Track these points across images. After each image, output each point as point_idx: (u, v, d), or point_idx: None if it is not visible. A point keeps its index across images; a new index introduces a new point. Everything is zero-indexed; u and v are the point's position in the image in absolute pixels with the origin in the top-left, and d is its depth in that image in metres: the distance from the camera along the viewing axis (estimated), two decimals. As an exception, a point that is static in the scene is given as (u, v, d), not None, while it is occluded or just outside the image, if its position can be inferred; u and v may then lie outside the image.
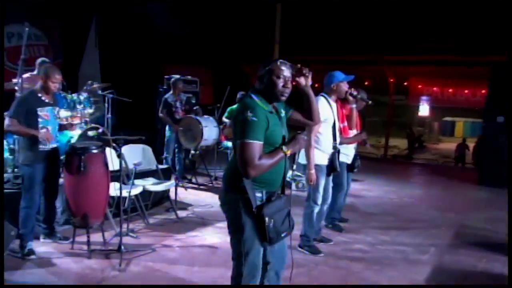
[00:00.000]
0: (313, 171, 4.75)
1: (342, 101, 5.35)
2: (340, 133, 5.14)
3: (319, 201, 5.01)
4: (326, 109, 4.82)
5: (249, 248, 2.87)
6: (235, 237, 2.95)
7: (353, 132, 5.68)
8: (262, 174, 2.78)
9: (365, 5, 11.73)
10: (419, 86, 16.12)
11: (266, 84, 2.86)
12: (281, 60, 2.91)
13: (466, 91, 15.21)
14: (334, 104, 5.00)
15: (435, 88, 15.82)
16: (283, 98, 2.90)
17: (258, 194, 2.85)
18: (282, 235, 2.92)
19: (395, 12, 11.67)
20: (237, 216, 2.86)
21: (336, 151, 4.97)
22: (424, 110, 18.11)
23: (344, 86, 5.03)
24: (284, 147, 2.84)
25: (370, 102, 5.70)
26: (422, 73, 15.50)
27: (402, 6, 11.35)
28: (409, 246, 5.53)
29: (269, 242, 2.85)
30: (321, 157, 4.87)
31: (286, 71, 2.87)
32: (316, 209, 5.03)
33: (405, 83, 16.16)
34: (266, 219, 2.79)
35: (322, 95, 4.94)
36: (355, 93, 5.21)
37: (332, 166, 4.98)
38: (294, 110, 3.10)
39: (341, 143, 5.19)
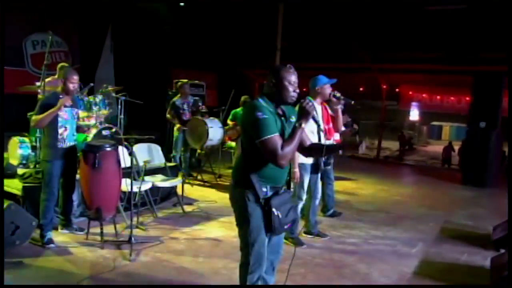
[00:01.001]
0: (297, 169, 4.77)
1: (327, 103, 5.37)
2: (325, 134, 5.14)
3: (303, 197, 5.04)
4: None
5: (255, 238, 2.88)
6: (242, 228, 2.96)
7: (337, 135, 5.76)
8: (266, 169, 2.84)
9: (362, 17, 11.76)
10: (410, 93, 16.11)
11: (279, 88, 2.88)
12: (289, 66, 2.93)
13: (452, 98, 15.21)
14: (319, 107, 5.02)
15: (424, 95, 15.81)
16: (292, 101, 2.93)
17: (264, 189, 2.86)
18: (285, 227, 2.94)
19: (388, 24, 11.70)
20: (244, 209, 2.88)
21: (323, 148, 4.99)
22: (414, 115, 18.10)
23: (328, 89, 5.08)
24: (297, 123, 2.85)
25: (352, 102, 5.68)
26: (412, 81, 15.50)
27: (395, 19, 11.40)
28: (399, 241, 5.54)
29: (274, 232, 2.88)
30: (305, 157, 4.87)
31: (294, 76, 2.90)
32: (300, 204, 5.06)
33: (397, 90, 16.13)
34: (274, 210, 2.82)
35: (307, 99, 4.95)
36: (338, 94, 5.20)
37: (317, 164, 5.00)
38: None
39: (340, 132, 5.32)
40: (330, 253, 4.97)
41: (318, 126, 3.14)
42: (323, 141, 4.98)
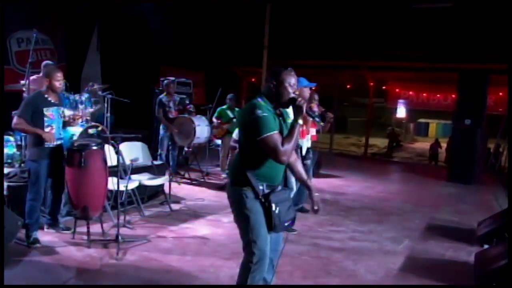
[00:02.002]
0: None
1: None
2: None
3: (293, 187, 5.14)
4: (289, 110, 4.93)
5: (257, 235, 2.89)
6: (242, 227, 2.97)
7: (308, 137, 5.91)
8: (263, 168, 2.89)
9: (349, 15, 11.83)
10: (397, 90, 16.23)
11: (279, 90, 2.93)
12: (290, 68, 2.99)
13: (438, 95, 15.35)
14: None
15: (411, 92, 15.93)
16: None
17: (260, 187, 2.89)
18: (286, 224, 2.96)
19: (375, 22, 11.78)
20: (243, 206, 2.90)
21: (298, 148, 5.13)
22: (401, 112, 18.21)
23: (306, 91, 5.21)
24: (294, 120, 2.91)
25: (321, 124, 5.76)
26: (400, 78, 15.63)
27: (382, 17, 11.48)
28: (386, 237, 5.59)
29: (274, 229, 2.89)
30: None
31: (295, 79, 2.97)
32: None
33: (384, 87, 16.25)
34: (273, 205, 2.85)
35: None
36: (312, 113, 5.30)
37: None
38: None
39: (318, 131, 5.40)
40: (317, 250, 5.01)
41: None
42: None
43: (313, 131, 5.98)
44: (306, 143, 5.91)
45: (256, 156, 2.89)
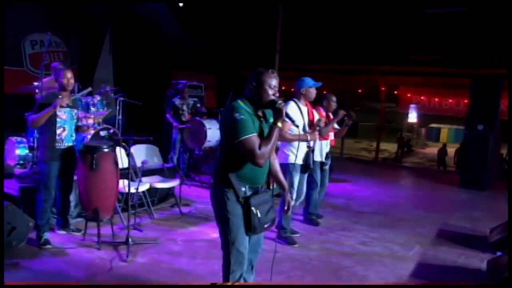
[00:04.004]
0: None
1: (314, 104, 5.42)
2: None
3: (294, 196, 5.04)
4: (296, 112, 4.90)
5: (235, 237, 2.92)
6: (222, 227, 3.00)
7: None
8: (245, 169, 2.88)
9: (361, 20, 11.80)
10: (408, 95, 16.13)
11: (259, 92, 2.91)
12: (271, 70, 2.97)
13: (450, 101, 15.23)
14: (304, 108, 5.11)
15: (422, 97, 15.83)
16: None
17: (242, 189, 2.90)
18: (265, 226, 2.97)
19: (388, 27, 11.73)
20: (223, 208, 2.92)
21: (310, 150, 5.02)
22: (412, 117, 18.15)
23: (313, 91, 5.16)
24: (273, 123, 2.90)
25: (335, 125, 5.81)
26: (411, 83, 15.54)
27: (395, 22, 11.43)
28: (397, 243, 5.53)
29: (253, 231, 2.90)
30: (295, 157, 4.89)
31: (275, 81, 2.94)
32: (297, 203, 5.14)
33: (396, 92, 16.18)
34: (253, 209, 2.85)
35: (293, 100, 5.08)
36: (320, 125, 5.32)
37: (306, 165, 5.04)
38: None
39: (320, 133, 5.23)
40: (327, 255, 4.96)
41: (293, 122, 3.22)
42: (311, 142, 5.07)
43: (331, 135, 5.95)
44: (325, 148, 5.87)
45: (237, 157, 2.88)
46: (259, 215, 2.88)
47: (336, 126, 6.09)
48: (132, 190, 5.08)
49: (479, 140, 9.76)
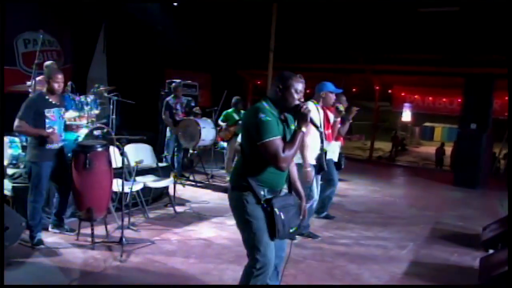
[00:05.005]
0: (309, 169, 4.77)
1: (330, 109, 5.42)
2: (325, 138, 5.15)
3: (316, 195, 5.09)
4: (315, 113, 4.85)
5: (260, 240, 2.82)
6: (245, 232, 2.91)
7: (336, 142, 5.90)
8: (265, 173, 2.83)
9: (355, 19, 11.83)
10: (402, 94, 16.16)
11: (285, 95, 2.87)
12: (299, 75, 2.97)
13: (444, 99, 15.27)
14: (321, 111, 5.08)
15: (416, 96, 15.86)
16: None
17: (261, 192, 2.84)
18: (291, 230, 2.88)
19: (381, 26, 11.77)
20: (243, 212, 2.85)
21: (323, 152, 5.00)
22: (406, 116, 18.10)
23: (332, 96, 5.16)
24: (297, 127, 2.84)
25: (350, 121, 5.81)
26: (405, 82, 15.57)
27: (389, 21, 11.47)
28: (390, 242, 5.56)
29: (278, 236, 2.81)
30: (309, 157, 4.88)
31: (302, 85, 2.92)
32: (314, 204, 5.13)
33: (390, 91, 16.19)
34: (276, 210, 2.78)
35: (311, 101, 5.01)
36: (341, 108, 5.38)
37: (320, 166, 5.01)
38: None
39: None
40: (321, 254, 4.97)
41: (318, 129, 3.16)
42: (325, 142, 5.03)
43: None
44: (337, 148, 5.89)
45: (258, 161, 2.82)
46: (282, 217, 2.80)
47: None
48: (126, 190, 5.06)
49: (472, 139, 9.82)
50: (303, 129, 2.83)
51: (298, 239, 5.22)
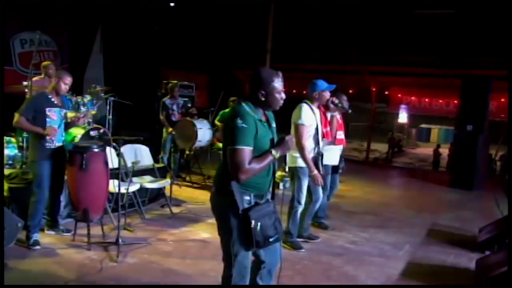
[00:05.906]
0: (315, 172, 4.73)
1: (325, 107, 5.39)
2: (323, 137, 5.13)
3: (303, 201, 4.98)
4: (309, 115, 4.85)
5: (238, 250, 2.76)
6: (224, 238, 2.84)
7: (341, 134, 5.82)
8: (251, 178, 2.71)
9: (352, 20, 11.86)
10: (399, 95, 16.20)
11: (268, 100, 2.79)
12: (278, 73, 2.83)
13: (440, 101, 15.32)
14: (317, 111, 5.00)
15: (413, 98, 15.91)
16: (278, 108, 2.87)
17: (246, 197, 2.75)
18: (271, 239, 2.77)
19: (378, 28, 11.80)
20: (226, 218, 2.76)
21: (319, 155, 4.97)
22: (403, 117, 18.21)
23: (326, 95, 5.09)
24: (273, 151, 2.75)
25: (349, 111, 5.76)
26: (402, 84, 15.61)
27: (385, 23, 11.50)
28: (387, 243, 5.57)
29: (256, 246, 2.73)
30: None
31: (282, 83, 2.82)
32: (300, 209, 5.01)
33: (386, 92, 16.22)
34: (253, 222, 2.67)
35: (305, 102, 4.95)
36: (336, 101, 5.32)
37: (317, 169, 4.98)
38: None
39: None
40: (317, 255, 4.98)
41: (317, 130, 3.12)
42: (321, 143, 5.01)
43: (340, 134, 5.82)
44: (338, 151, 5.84)
45: None
46: (261, 228, 2.69)
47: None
48: (123, 191, 5.06)
49: (468, 140, 9.85)
50: (276, 155, 2.76)
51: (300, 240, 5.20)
